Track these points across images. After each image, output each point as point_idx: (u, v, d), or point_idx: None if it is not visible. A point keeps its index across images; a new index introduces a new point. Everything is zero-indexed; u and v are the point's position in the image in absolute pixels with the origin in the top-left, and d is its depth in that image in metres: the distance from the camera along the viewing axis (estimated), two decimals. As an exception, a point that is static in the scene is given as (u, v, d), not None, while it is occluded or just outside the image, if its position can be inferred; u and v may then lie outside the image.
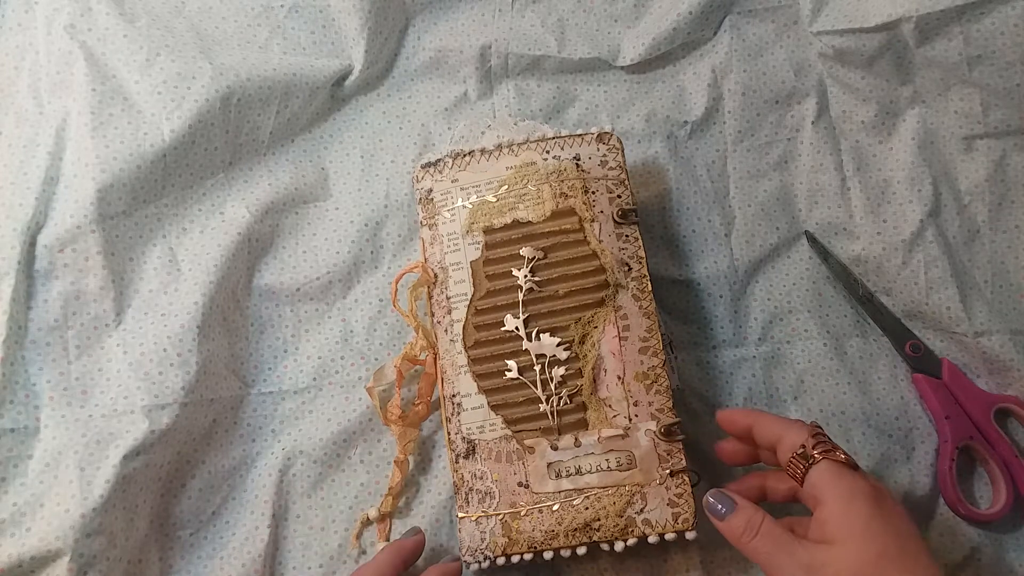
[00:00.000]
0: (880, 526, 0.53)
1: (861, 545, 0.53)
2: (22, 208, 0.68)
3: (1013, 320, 0.71)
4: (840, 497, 0.55)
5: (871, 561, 0.52)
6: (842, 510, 0.54)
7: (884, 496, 0.55)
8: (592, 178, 0.68)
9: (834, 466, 0.56)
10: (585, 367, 0.64)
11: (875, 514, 0.53)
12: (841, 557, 0.53)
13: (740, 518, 0.57)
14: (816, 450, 0.56)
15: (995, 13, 0.70)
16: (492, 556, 0.62)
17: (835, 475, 0.55)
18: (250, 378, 0.73)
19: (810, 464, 0.56)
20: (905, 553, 0.53)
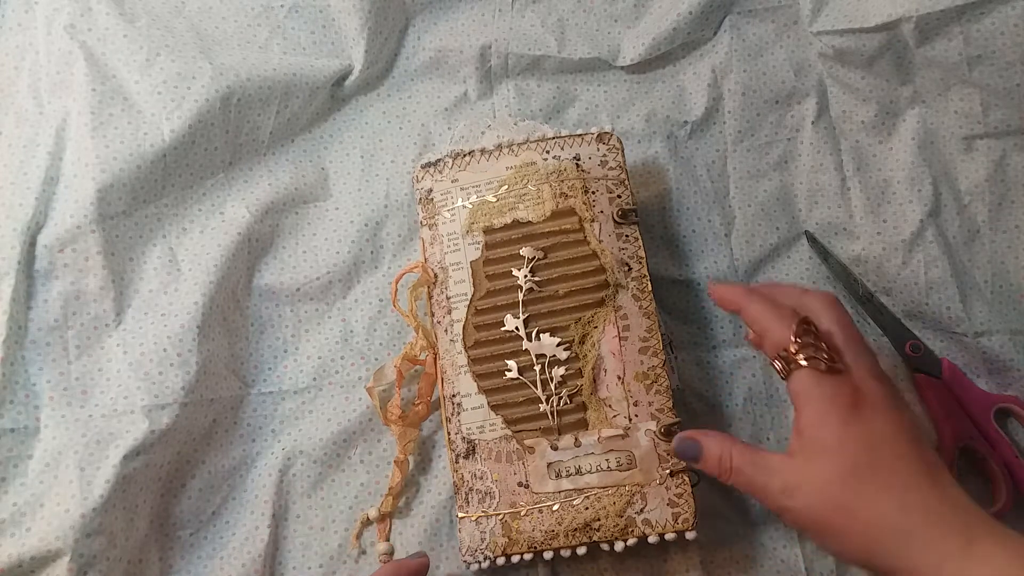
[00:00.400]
0: (852, 436, 0.52)
1: (833, 459, 0.52)
2: (22, 208, 0.68)
3: (1013, 320, 0.71)
4: (816, 408, 0.54)
5: (841, 478, 0.52)
6: (816, 421, 0.53)
7: (864, 401, 0.53)
8: (592, 178, 0.68)
9: (814, 375, 0.54)
10: (585, 367, 0.64)
11: (848, 423, 0.52)
12: (814, 475, 0.53)
13: (712, 457, 0.57)
14: (800, 354, 0.55)
15: (995, 13, 0.70)
16: (492, 556, 0.62)
17: (814, 383, 0.54)
18: (250, 378, 0.73)
19: (792, 368, 0.55)
20: (878, 465, 0.52)
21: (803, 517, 0.53)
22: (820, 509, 0.52)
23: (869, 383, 0.54)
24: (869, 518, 0.51)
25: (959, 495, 0.51)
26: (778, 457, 0.55)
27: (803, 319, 0.56)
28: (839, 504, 0.51)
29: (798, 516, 0.53)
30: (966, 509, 0.50)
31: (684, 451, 0.59)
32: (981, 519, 0.50)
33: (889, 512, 0.50)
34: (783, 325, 0.56)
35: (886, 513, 0.50)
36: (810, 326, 0.56)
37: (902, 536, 0.50)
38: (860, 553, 0.51)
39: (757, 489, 0.55)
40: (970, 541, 0.48)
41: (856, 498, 0.51)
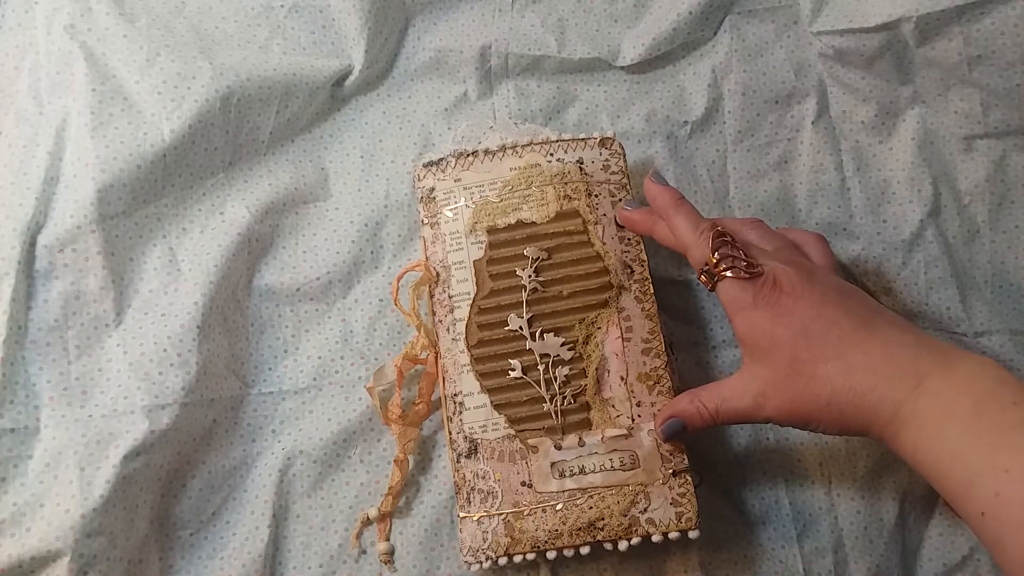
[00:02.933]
0: (782, 327, 0.55)
1: (774, 356, 0.55)
2: (22, 208, 0.67)
3: (1013, 320, 0.71)
4: (745, 315, 0.57)
5: (789, 368, 0.55)
6: (748, 325, 0.56)
7: (782, 293, 0.56)
8: (595, 181, 0.68)
9: (736, 283, 0.57)
10: (589, 367, 0.64)
11: (775, 316, 0.55)
12: (767, 377, 0.56)
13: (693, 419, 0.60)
14: (721, 265, 0.57)
15: (995, 13, 0.70)
16: (494, 556, 0.62)
17: (738, 291, 0.57)
18: (250, 378, 0.73)
19: (716, 281, 0.58)
20: (813, 343, 0.54)
21: (781, 416, 0.56)
22: (787, 403, 0.55)
23: (782, 272, 0.56)
24: (825, 395, 0.53)
25: (900, 335, 0.54)
26: (737, 378, 0.59)
27: (717, 231, 0.59)
28: (797, 392, 0.55)
29: (778, 418, 0.56)
30: (911, 347, 0.53)
31: (672, 431, 0.61)
32: (929, 354, 0.53)
33: (838, 380, 0.53)
34: (703, 240, 0.59)
35: (836, 382, 0.53)
36: (725, 237, 0.59)
37: (857, 396, 0.53)
38: (836, 425, 0.55)
39: (739, 416, 0.58)
40: (920, 379, 0.51)
41: (808, 380, 0.54)
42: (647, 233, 0.66)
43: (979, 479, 0.47)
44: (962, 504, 0.49)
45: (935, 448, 0.50)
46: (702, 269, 0.59)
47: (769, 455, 0.71)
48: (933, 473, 0.51)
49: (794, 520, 0.69)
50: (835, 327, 0.54)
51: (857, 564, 0.67)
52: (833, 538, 0.68)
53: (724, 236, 0.59)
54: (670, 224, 0.62)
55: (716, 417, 0.59)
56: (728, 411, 0.58)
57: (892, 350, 0.53)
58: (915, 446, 0.51)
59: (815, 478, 0.70)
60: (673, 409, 0.61)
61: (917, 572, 0.68)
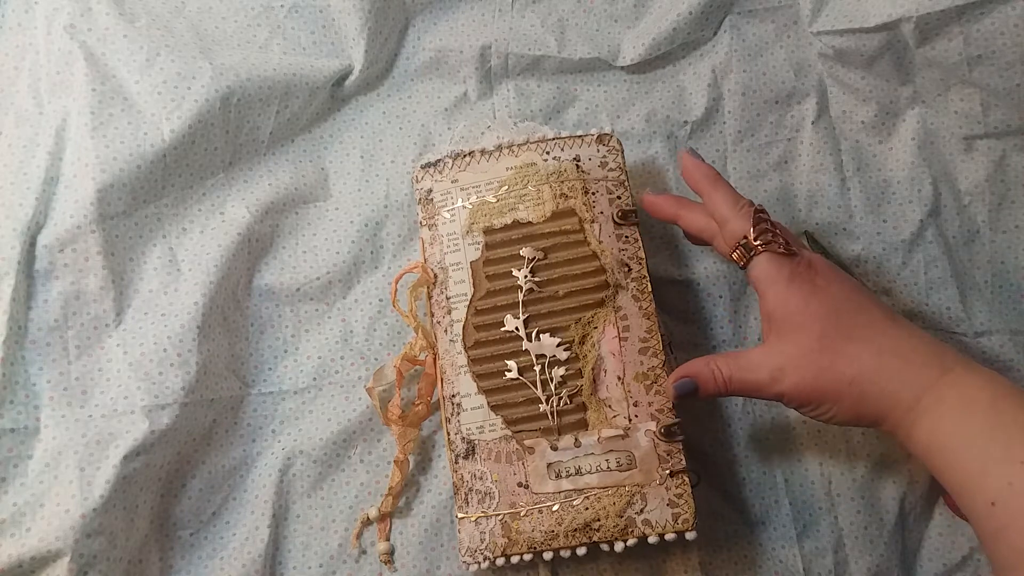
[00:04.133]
0: (816, 303, 0.57)
1: (805, 330, 0.57)
2: (22, 208, 0.68)
3: (1013, 320, 0.71)
4: (779, 288, 0.58)
5: (818, 345, 0.56)
6: (781, 299, 0.58)
7: (818, 271, 0.58)
8: (592, 179, 0.68)
9: (773, 257, 0.59)
10: (585, 367, 0.64)
11: (811, 293, 0.57)
12: (792, 352, 0.57)
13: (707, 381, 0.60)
14: (759, 241, 0.59)
15: (995, 13, 0.70)
16: (492, 557, 0.62)
17: (775, 266, 0.58)
18: (250, 378, 0.73)
19: (752, 255, 0.59)
20: (845, 323, 0.56)
21: (797, 394, 0.57)
22: (809, 380, 0.56)
23: (817, 258, 0.59)
24: (851, 373, 0.55)
25: (924, 333, 0.57)
26: (757, 351, 0.60)
27: (758, 208, 0.61)
28: (822, 368, 0.56)
29: (793, 395, 0.57)
30: (935, 343, 0.56)
31: (683, 390, 0.61)
32: (951, 352, 0.55)
33: (867, 360, 0.55)
34: (743, 215, 0.60)
35: (864, 362, 0.55)
36: (765, 214, 0.61)
37: (883, 378, 0.55)
38: (852, 408, 0.56)
39: (752, 387, 0.59)
40: (944, 370, 0.53)
41: (835, 357, 0.56)
42: (672, 218, 0.67)
43: (993, 468, 0.49)
44: (972, 493, 0.50)
45: (952, 436, 0.52)
46: (738, 243, 0.60)
47: (769, 455, 0.71)
48: (945, 462, 0.52)
49: (794, 520, 0.69)
50: (865, 311, 0.57)
51: (857, 564, 0.67)
52: (833, 538, 0.68)
53: (763, 213, 0.61)
54: (708, 197, 0.63)
55: (728, 384, 0.60)
56: (741, 380, 0.59)
57: (917, 342, 0.56)
58: (931, 434, 0.52)
59: (815, 478, 0.70)
60: (688, 369, 0.62)
61: (917, 572, 0.68)
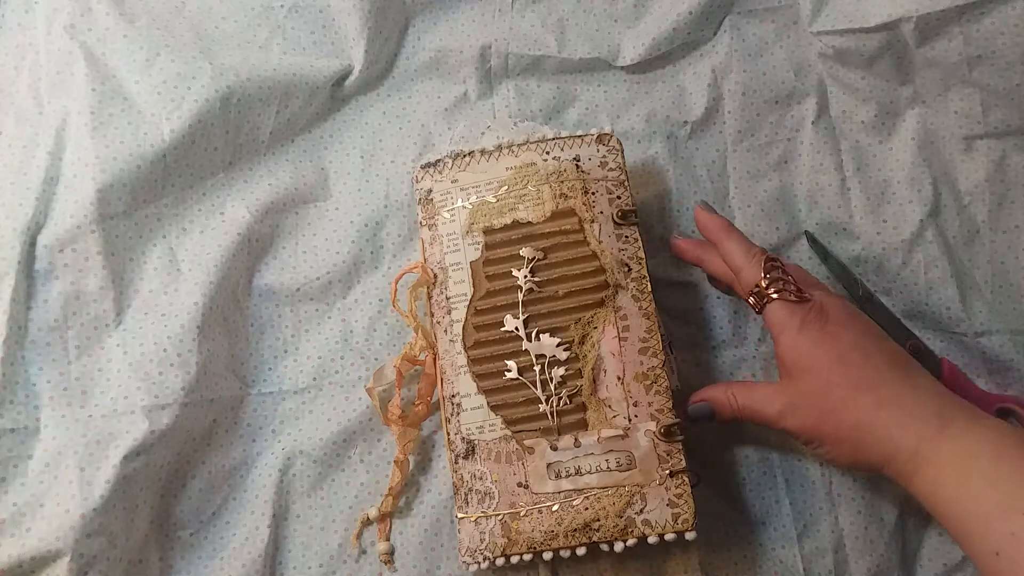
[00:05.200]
0: (823, 351, 0.59)
1: (812, 375, 0.59)
2: (22, 208, 0.68)
3: (1013, 320, 0.71)
4: (790, 334, 0.60)
5: (822, 390, 0.59)
6: (792, 345, 0.60)
7: (829, 317, 0.60)
8: (592, 179, 0.68)
9: (785, 305, 0.61)
10: (585, 367, 0.64)
11: (819, 340, 0.59)
12: (800, 394, 0.60)
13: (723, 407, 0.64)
14: (771, 288, 0.62)
15: (995, 13, 0.70)
16: (491, 557, 0.62)
17: (786, 312, 0.61)
18: (250, 378, 0.73)
19: (765, 302, 0.62)
20: (849, 368, 0.58)
21: (801, 432, 0.60)
22: (812, 421, 0.59)
23: (829, 302, 0.61)
24: (852, 419, 0.57)
25: (930, 383, 0.58)
26: (771, 386, 0.62)
27: (769, 257, 0.63)
28: (825, 412, 0.58)
29: (797, 432, 0.60)
30: (939, 396, 0.57)
31: (700, 413, 0.65)
32: (954, 404, 0.56)
33: (867, 409, 0.57)
34: (755, 263, 0.63)
35: (865, 410, 0.57)
36: (776, 262, 0.63)
37: (881, 428, 0.56)
38: (851, 454, 0.58)
39: (761, 418, 0.62)
40: (944, 424, 0.55)
41: (838, 404, 0.58)
42: (696, 261, 0.70)
43: (996, 519, 0.50)
44: (976, 542, 0.51)
45: (954, 487, 0.53)
46: (751, 291, 0.63)
47: (769, 455, 0.71)
48: (949, 511, 0.53)
49: (794, 520, 0.69)
50: (872, 361, 0.58)
51: (857, 564, 0.67)
52: (833, 538, 0.68)
53: (775, 261, 0.63)
54: (722, 247, 0.66)
55: (741, 412, 0.63)
56: (752, 410, 0.62)
57: (920, 393, 0.57)
58: (934, 484, 0.54)
59: (815, 478, 0.69)
60: (706, 393, 0.65)
61: (917, 572, 0.68)
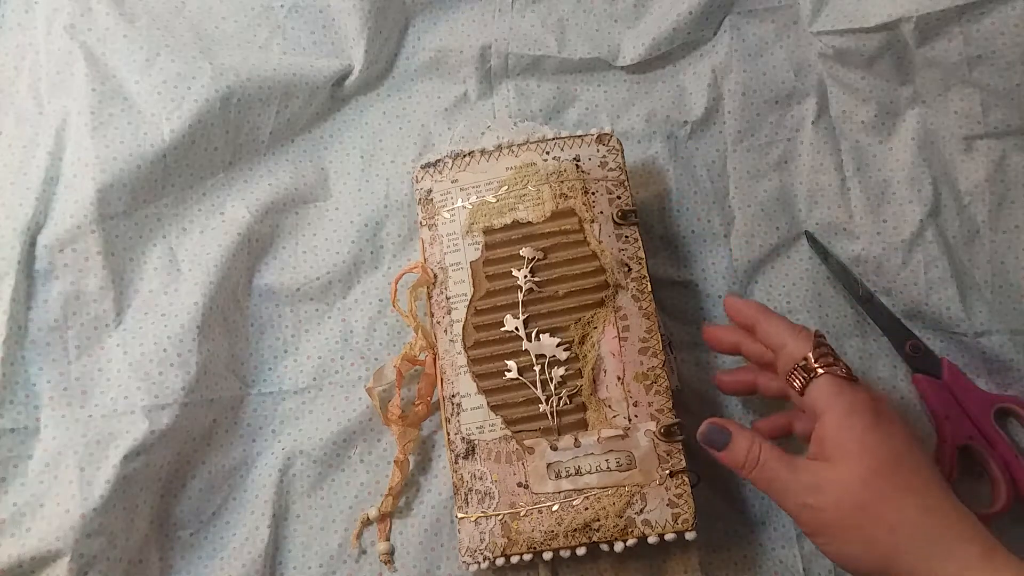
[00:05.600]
0: (875, 441, 0.54)
1: (858, 461, 0.53)
2: (22, 208, 0.68)
3: (1013, 320, 0.71)
4: (838, 413, 0.55)
5: (867, 477, 0.53)
6: (839, 425, 0.55)
7: (882, 410, 0.55)
8: (592, 179, 0.68)
9: (835, 380, 0.56)
10: (585, 367, 0.64)
11: (871, 428, 0.54)
12: (840, 474, 0.54)
13: (740, 447, 0.58)
14: (819, 363, 0.57)
15: (995, 13, 0.70)
16: (491, 557, 0.62)
17: (835, 390, 0.56)
18: (250, 378, 0.73)
19: (811, 377, 0.57)
20: (900, 466, 0.53)
21: (827, 515, 0.53)
22: (846, 507, 0.53)
23: (879, 395, 0.57)
24: (893, 519, 0.52)
25: (965, 508, 0.53)
26: (804, 459, 0.56)
27: (817, 332, 0.59)
28: (863, 503, 0.52)
29: (822, 514, 0.54)
30: (976, 520, 0.52)
31: (712, 437, 0.60)
32: (989, 532, 0.51)
33: (912, 514, 0.52)
34: (802, 336, 0.59)
35: (909, 514, 0.52)
36: (824, 338, 0.59)
37: (924, 538, 0.51)
38: (881, 558, 0.52)
39: (781, 485, 0.56)
40: (988, 550, 0.50)
41: (880, 498, 0.52)
42: (733, 348, 0.66)
43: None
44: None
45: None
46: (798, 365, 0.58)
47: (769, 455, 0.71)
48: None
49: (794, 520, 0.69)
50: (923, 469, 0.54)
51: (856, 564, 0.67)
52: (832, 539, 0.68)
53: (823, 338, 0.59)
54: (761, 327, 0.62)
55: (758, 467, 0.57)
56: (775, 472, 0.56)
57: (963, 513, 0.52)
58: None
59: (815, 478, 0.69)
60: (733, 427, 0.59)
61: (917, 573, 0.67)
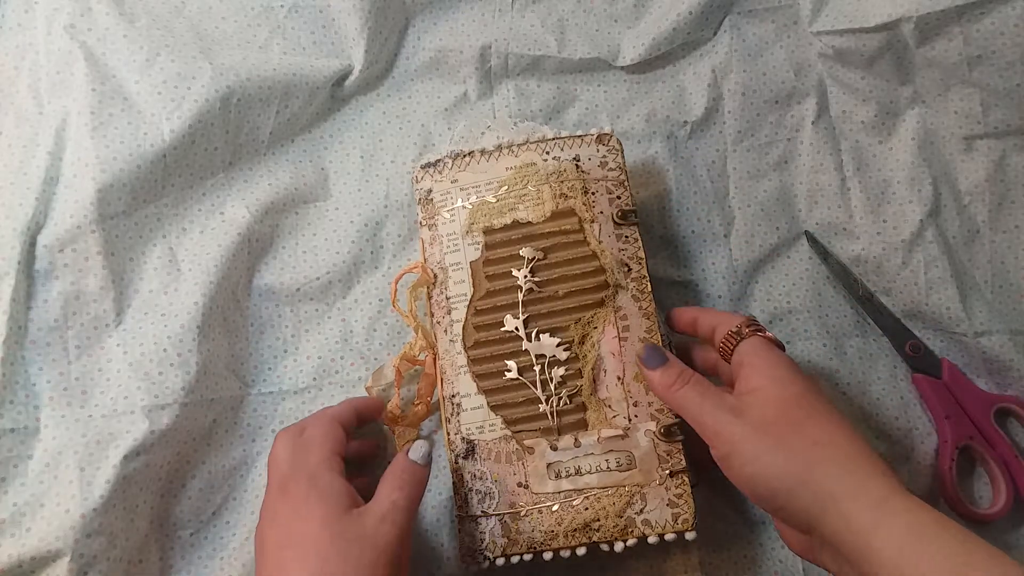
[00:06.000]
0: (801, 376, 0.57)
1: (783, 387, 0.56)
2: (22, 208, 0.68)
3: (1013, 320, 0.71)
4: (763, 359, 0.58)
5: (793, 397, 0.55)
6: (762, 365, 0.58)
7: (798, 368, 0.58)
8: (592, 179, 0.68)
9: (763, 340, 0.60)
10: (585, 367, 0.64)
11: (794, 371, 0.57)
12: (767, 395, 0.56)
13: (673, 369, 0.60)
14: (748, 330, 0.60)
15: (995, 13, 0.70)
16: (491, 557, 0.62)
17: (762, 346, 0.59)
18: (250, 378, 0.73)
19: (741, 340, 0.60)
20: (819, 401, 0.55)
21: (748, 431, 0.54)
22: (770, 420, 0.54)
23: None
24: (817, 435, 0.53)
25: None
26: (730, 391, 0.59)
27: (750, 316, 0.63)
28: (789, 419, 0.54)
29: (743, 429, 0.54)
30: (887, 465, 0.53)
31: (650, 355, 0.62)
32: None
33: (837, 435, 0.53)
34: (735, 317, 0.62)
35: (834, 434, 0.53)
36: (756, 320, 0.62)
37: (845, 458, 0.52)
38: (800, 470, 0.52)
39: (708, 403, 0.57)
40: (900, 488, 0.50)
41: (807, 416, 0.54)
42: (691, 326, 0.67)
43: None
44: None
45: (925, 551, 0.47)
46: (730, 332, 0.61)
47: (768, 455, 0.71)
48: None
49: (794, 520, 0.69)
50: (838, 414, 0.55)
51: (856, 564, 0.67)
52: (832, 538, 0.68)
53: (753, 318, 0.62)
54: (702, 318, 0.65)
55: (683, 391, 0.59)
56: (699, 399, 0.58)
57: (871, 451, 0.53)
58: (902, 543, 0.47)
59: (815, 478, 0.69)
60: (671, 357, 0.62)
61: (916, 572, 0.67)
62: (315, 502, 0.55)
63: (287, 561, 0.53)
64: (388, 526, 0.55)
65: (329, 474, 0.57)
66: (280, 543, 0.54)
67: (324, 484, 0.57)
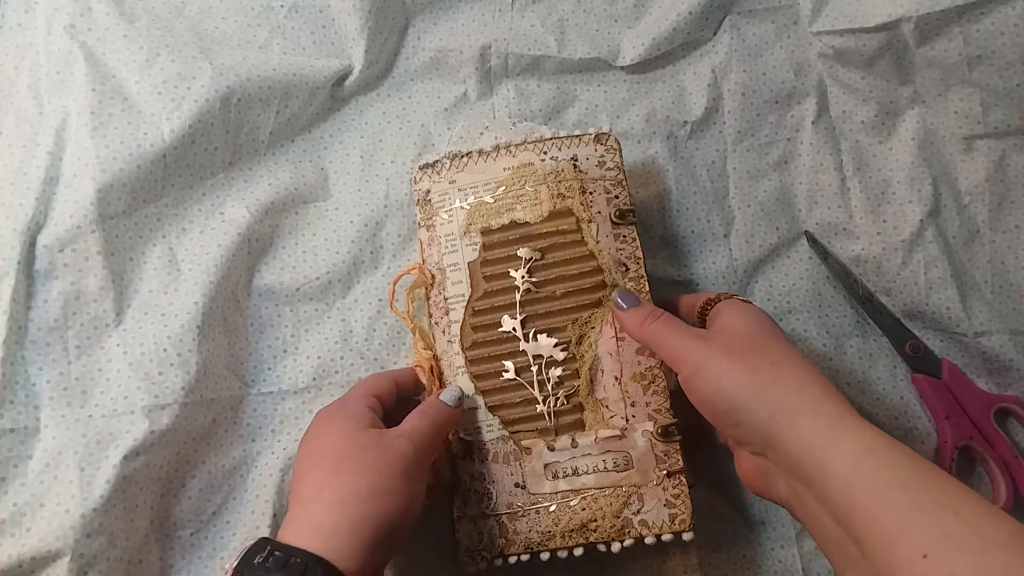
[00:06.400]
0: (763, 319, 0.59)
1: (747, 323, 0.58)
2: (22, 208, 0.68)
3: (1013, 320, 0.71)
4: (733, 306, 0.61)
5: (755, 330, 0.58)
6: (733, 311, 0.60)
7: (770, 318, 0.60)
8: (590, 179, 0.68)
9: (739, 302, 0.62)
10: (582, 368, 0.64)
11: (761, 316, 0.60)
12: (733, 325, 0.59)
13: (644, 308, 0.63)
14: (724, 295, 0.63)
15: (995, 13, 0.70)
16: (489, 557, 0.62)
17: (736, 302, 0.62)
18: (250, 378, 0.73)
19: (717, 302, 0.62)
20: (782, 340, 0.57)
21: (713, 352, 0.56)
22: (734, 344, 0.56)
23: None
24: (777, 356, 0.55)
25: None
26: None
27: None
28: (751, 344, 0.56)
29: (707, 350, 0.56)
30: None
31: (623, 298, 0.64)
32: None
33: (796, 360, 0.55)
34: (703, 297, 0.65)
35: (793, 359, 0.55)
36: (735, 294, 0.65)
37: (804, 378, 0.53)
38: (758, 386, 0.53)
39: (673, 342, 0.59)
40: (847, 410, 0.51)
41: (767, 343, 0.56)
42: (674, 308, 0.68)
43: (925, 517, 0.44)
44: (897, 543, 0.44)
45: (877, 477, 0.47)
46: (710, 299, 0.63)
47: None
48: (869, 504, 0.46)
49: (794, 520, 0.68)
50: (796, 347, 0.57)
51: (856, 565, 0.67)
52: (831, 539, 0.68)
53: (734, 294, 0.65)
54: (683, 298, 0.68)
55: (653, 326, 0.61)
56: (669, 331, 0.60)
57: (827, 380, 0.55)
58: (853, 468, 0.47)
59: (814, 479, 0.69)
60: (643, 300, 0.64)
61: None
62: (340, 420, 0.61)
63: (309, 468, 0.58)
64: (404, 441, 0.58)
65: (358, 404, 0.62)
66: (306, 452, 0.60)
67: (351, 408, 0.62)
